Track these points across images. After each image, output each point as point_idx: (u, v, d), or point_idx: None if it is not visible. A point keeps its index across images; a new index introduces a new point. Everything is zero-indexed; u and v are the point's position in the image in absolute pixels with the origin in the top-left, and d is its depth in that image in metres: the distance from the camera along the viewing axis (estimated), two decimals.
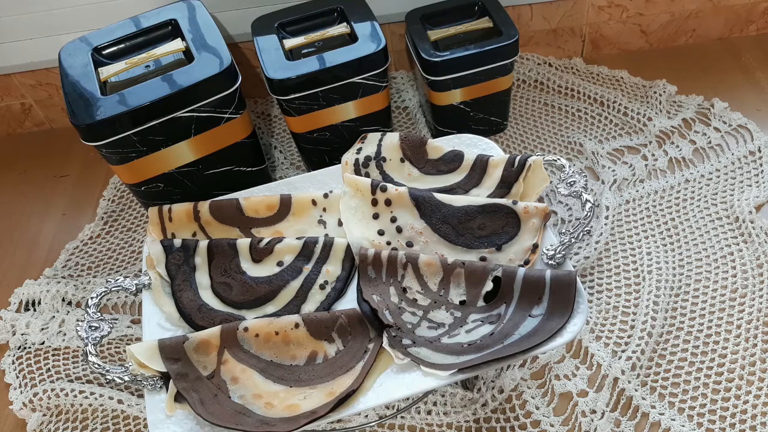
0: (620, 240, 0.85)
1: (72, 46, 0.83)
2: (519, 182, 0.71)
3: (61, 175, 1.09)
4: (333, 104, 0.83)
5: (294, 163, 1.02)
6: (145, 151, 0.77)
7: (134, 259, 0.93)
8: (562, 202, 0.91)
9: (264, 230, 0.74)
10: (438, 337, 0.60)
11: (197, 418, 0.55)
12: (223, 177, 0.85)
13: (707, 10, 1.06)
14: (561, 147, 0.98)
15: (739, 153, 0.92)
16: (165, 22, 0.85)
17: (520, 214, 0.66)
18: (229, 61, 0.76)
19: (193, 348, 0.60)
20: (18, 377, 0.81)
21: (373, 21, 0.85)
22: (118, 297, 0.88)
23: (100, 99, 0.74)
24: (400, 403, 0.71)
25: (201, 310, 0.65)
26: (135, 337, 0.82)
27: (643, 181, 0.91)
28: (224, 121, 0.79)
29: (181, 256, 0.69)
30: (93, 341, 0.58)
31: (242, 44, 1.05)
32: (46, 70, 1.06)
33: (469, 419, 0.71)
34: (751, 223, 0.83)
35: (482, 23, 0.91)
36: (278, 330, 0.61)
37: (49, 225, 1.01)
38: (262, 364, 0.60)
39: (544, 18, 1.05)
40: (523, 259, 0.65)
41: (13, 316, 0.86)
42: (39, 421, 0.77)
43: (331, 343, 0.61)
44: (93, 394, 0.76)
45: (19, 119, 1.15)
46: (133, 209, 1.00)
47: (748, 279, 0.79)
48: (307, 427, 0.53)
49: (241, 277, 0.68)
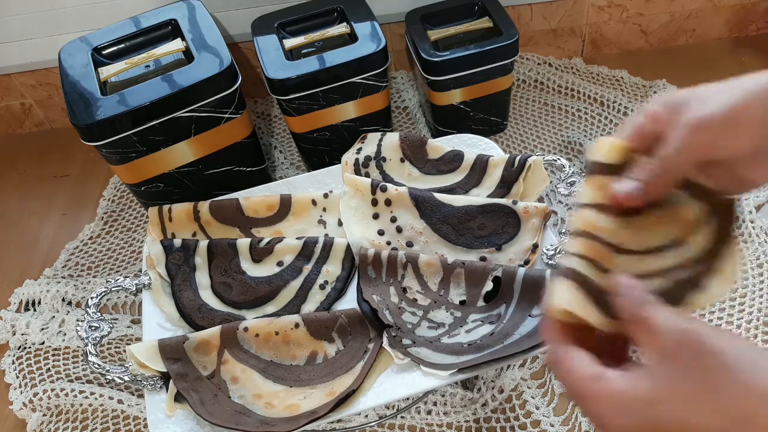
0: None
1: (72, 46, 0.83)
2: (519, 182, 0.71)
3: (61, 175, 1.08)
4: (333, 104, 0.83)
5: (294, 163, 1.02)
6: (145, 151, 0.77)
7: (134, 259, 0.93)
8: (562, 202, 0.91)
9: (264, 230, 0.74)
10: (438, 337, 0.60)
11: (197, 418, 0.55)
12: (223, 177, 0.85)
13: (707, 10, 1.06)
14: (561, 147, 0.98)
15: None
16: (165, 22, 0.85)
17: (520, 214, 0.66)
18: (229, 61, 0.76)
19: (193, 348, 0.60)
20: (18, 377, 0.81)
21: (373, 21, 0.85)
22: (118, 297, 0.88)
23: (100, 99, 0.74)
24: (400, 403, 0.71)
25: (201, 310, 0.65)
26: (135, 337, 0.82)
27: None
28: (224, 121, 0.79)
29: (181, 256, 0.69)
30: (93, 341, 0.58)
31: (242, 44, 1.05)
32: (46, 70, 1.06)
33: (469, 419, 0.71)
34: (751, 223, 0.83)
35: (482, 23, 0.91)
36: (278, 330, 0.61)
37: (49, 225, 1.01)
38: (262, 364, 0.60)
39: (544, 18, 1.05)
40: (523, 259, 0.65)
41: (13, 316, 0.86)
42: (39, 421, 0.77)
43: (331, 343, 0.61)
44: (93, 394, 0.76)
45: (19, 119, 1.15)
46: (133, 209, 1.00)
47: (748, 279, 0.79)
48: (307, 427, 0.53)
49: (241, 277, 0.68)
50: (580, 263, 0.34)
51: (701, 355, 0.29)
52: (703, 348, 0.29)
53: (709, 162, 0.35)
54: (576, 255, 0.34)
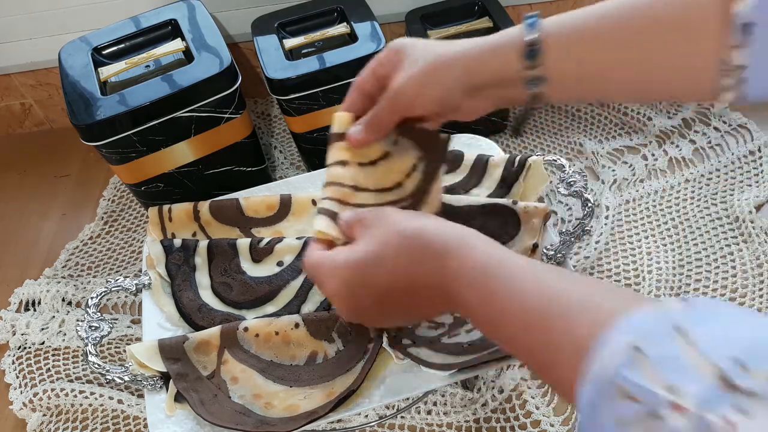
0: (620, 240, 0.85)
1: (72, 46, 0.83)
2: (519, 182, 0.71)
3: (61, 175, 1.09)
4: (333, 104, 0.83)
5: (294, 163, 1.02)
6: (145, 151, 0.77)
7: (134, 259, 0.93)
8: (562, 202, 0.91)
9: (264, 230, 0.74)
10: (438, 337, 0.60)
11: (197, 418, 0.55)
12: (223, 177, 0.85)
13: None
14: (561, 147, 0.98)
15: (739, 153, 0.92)
16: (165, 22, 0.85)
17: (521, 214, 0.66)
18: (229, 61, 0.76)
19: (193, 348, 0.60)
20: (18, 377, 0.81)
21: (373, 21, 0.85)
22: (118, 297, 0.88)
23: (100, 99, 0.74)
24: (400, 403, 0.71)
25: (201, 310, 0.65)
26: (135, 337, 0.82)
27: (643, 181, 0.92)
28: (224, 121, 0.79)
29: (181, 256, 0.69)
30: (93, 341, 0.58)
31: (242, 44, 1.05)
32: (46, 70, 1.06)
33: (469, 419, 0.71)
34: (751, 222, 0.83)
35: (482, 23, 0.91)
36: (278, 330, 0.61)
37: (49, 225, 1.01)
38: (262, 364, 0.60)
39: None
40: None
41: (13, 316, 0.86)
42: (39, 421, 0.77)
43: (332, 343, 0.61)
44: (93, 394, 0.76)
45: (19, 119, 1.15)
46: (133, 209, 1.00)
47: (748, 279, 0.79)
48: (307, 427, 0.53)
49: (241, 277, 0.68)
50: (329, 203, 0.48)
51: (387, 223, 0.41)
52: (388, 218, 0.41)
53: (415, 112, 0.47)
54: (326, 198, 0.48)
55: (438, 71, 0.45)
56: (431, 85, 0.45)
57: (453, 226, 0.40)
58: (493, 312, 0.35)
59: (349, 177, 0.49)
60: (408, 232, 0.39)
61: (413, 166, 0.52)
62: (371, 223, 0.42)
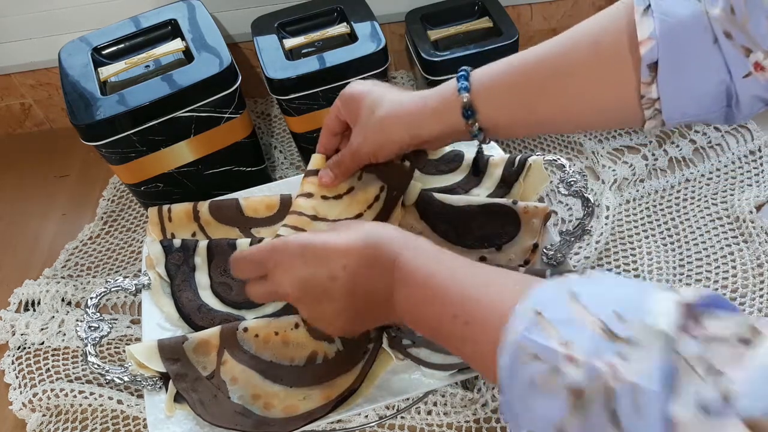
0: (620, 240, 0.85)
1: (72, 46, 0.83)
2: (519, 182, 0.71)
3: (61, 175, 1.08)
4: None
5: (294, 163, 1.02)
6: (145, 151, 0.77)
7: (134, 259, 0.93)
8: (562, 202, 0.91)
9: (264, 230, 0.74)
10: None
11: (197, 418, 0.55)
12: (223, 177, 0.85)
13: None
14: (561, 147, 0.98)
15: (739, 152, 0.92)
16: (165, 22, 0.85)
17: (520, 214, 0.66)
18: (229, 61, 0.76)
19: (193, 348, 0.59)
20: (18, 377, 0.80)
21: (373, 21, 0.85)
22: (118, 297, 0.88)
23: (100, 99, 0.74)
24: (400, 403, 0.71)
25: (201, 311, 0.65)
26: (135, 337, 0.82)
27: (644, 181, 0.91)
28: (224, 121, 0.79)
29: (181, 256, 0.69)
30: (92, 341, 0.58)
31: (242, 44, 1.05)
32: (46, 70, 1.06)
33: (469, 419, 0.71)
34: (751, 222, 0.83)
35: (482, 23, 0.91)
36: (278, 330, 0.61)
37: (49, 225, 1.01)
38: (262, 365, 0.59)
39: (543, 18, 1.05)
40: (523, 259, 0.65)
41: (12, 316, 0.86)
42: (39, 421, 0.77)
43: (331, 344, 0.61)
44: (93, 394, 0.76)
45: (19, 119, 1.15)
46: (133, 209, 1.00)
47: (748, 279, 0.79)
48: (307, 427, 0.53)
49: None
50: (285, 230, 0.56)
51: (292, 246, 0.47)
52: (293, 241, 0.47)
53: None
54: (284, 225, 0.57)
55: (390, 128, 0.53)
56: (386, 145, 0.54)
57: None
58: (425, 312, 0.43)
59: (310, 207, 0.58)
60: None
61: (375, 197, 0.59)
62: (282, 243, 0.49)
